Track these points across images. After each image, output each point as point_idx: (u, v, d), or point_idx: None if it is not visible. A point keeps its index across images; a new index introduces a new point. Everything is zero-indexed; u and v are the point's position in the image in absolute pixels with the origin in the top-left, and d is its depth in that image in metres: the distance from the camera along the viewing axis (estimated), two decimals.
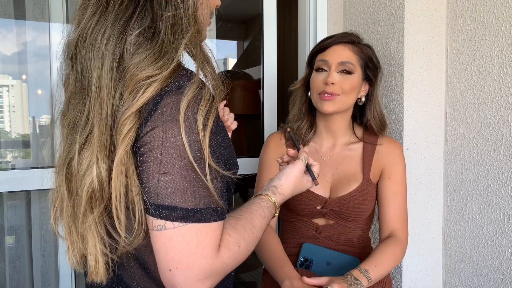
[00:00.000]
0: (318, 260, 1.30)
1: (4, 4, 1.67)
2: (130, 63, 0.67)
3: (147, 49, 0.68)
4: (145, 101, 0.66)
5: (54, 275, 1.77)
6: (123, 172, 0.67)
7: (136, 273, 0.76)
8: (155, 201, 0.66)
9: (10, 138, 1.85)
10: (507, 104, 1.31)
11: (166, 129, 0.65)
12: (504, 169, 1.32)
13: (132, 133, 0.66)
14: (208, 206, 0.66)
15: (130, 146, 0.67)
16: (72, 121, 0.74)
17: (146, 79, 0.66)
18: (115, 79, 0.68)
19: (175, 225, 0.65)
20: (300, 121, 1.36)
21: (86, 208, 0.71)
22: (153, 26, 0.69)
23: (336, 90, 1.25)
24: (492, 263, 1.37)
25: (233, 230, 0.71)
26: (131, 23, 0.69)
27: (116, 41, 0.69)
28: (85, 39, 0.71)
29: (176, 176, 0.65)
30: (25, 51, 1.71)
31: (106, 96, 0.68)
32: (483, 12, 1.38)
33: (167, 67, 0.67)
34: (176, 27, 0.70)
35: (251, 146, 2.96)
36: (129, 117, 0.66)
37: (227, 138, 0.79)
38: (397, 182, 1.30)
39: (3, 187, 1.54)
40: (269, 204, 0.84)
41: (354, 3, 1.71)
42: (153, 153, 0.65)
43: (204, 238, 0.65)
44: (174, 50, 0.69)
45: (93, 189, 0.69)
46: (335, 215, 1.29)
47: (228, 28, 3.72)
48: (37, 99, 1.75)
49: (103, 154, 0.69)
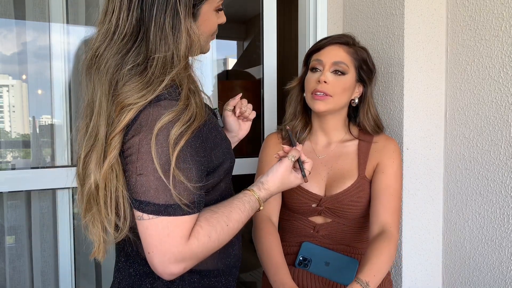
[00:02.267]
0: (317, 260, 1.30)
1: (4, 4, 1.67)
2: (120, 91, 0.80)
3: (135, 82, 0.80)
4: (126, 123, 0.79)
5: (54, 275, 1.77)
6: (111, 175, 0.82)
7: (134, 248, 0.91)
8: (134, 196, 0.80)
9: (10, 138, 1.85)
10: (507, 104, 1.31)
11: (142, 138, 0.78)
12: (504, 169, 1.32)
13: (118, 146, 0.80)
14: (179, 202, 0.78)
15: (116, 156, 0.81)
16: (85, 127, 0.88)
17: (128, 106, 0.79)
18: (110, 103, 0.82)
19: (150, 217, 0.78)
20: (295, 120, 1.39)
21: (86, 207, 0.88)
22: (145, 62, 0.82)
23: (328, 89, 1.26)
24: (492, 263, 1.37)
25: (206, 222, 0.82)
26: (126, 57, 0.82)
27: (113, 71, 0.82)
28: (95, 63, 0.85)
29: (149, 177, 0.78)
30: (25, 51, 1.71)
31: (103, 116, 0.82)
32: (483, 12, 1.38)
33: (147, 97, 0.79)
34: (166, 64, 0.82)
35: (251, 146, 2.96)
36: (115, 135, 0.80)
37: (216, 139, 0.90)
38: (390, 176, 1.28)
39: (3, 187, 1.54)
40: (252, 198, 0.92)
41: (354, 3, 1.71)
42: (132, 157, 0.79)
43: (174, 229, 0.78)
44: (159, 83, 0.80)
45: (91, 192, 0.85)
46: (331, 213, 1.30)
47: (228, 28, 3.71)
48: (37, 99, 1.75)
49: (99, 162, 0.83)
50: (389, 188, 1.27)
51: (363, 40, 1.64)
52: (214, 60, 2.12)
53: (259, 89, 1.95)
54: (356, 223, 1.33)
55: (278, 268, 1.21)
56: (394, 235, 1.23)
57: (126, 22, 0.83)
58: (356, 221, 1.32)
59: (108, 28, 0.84)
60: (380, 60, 1.55)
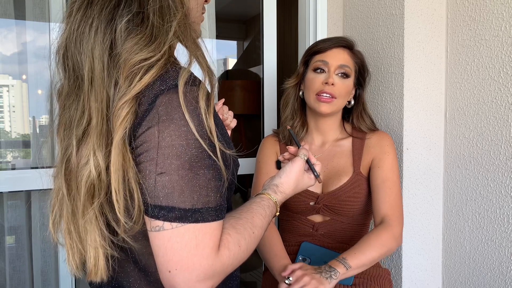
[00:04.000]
0: (316, 260, 1.30)
1: (4, 4, 1.67)
2: (122, 48, 0.66)
3: (138, 34, 0.67)
4: (143, 87, 0.65)
5: (54, 275, 1.77)
6: (121, 156, 0.66)
7: (136, 277, 0.76)
8: (153, 202, 0.65)
9: (10, 138, 1.85)
10: (507, 104, 1.31)
11: (161, 129, 0.64)
12: (504, 169, 1.32)
13: (130, 116, 0.65)
14: (207, 205, 0.65)
15: (128, 130, 0.66)
16: (68, 120, 0.73)
17: (140, 62, 0.65)
18: (107, 68, 0.67)
19: (173, 226, 0.64)
20: (293, 120, 1.39)
21: (86, 200, 0.70)
22: (141, 12, 0.68)
23: (334, 92, 1.28)
24: (492, 263, 1.37)
25: (233, 229, 0.70)
26: (119, 11, 0.68)
27: (105, 30, 0.68)
28: (73, 34, 0.70)
29: (173, 176, 0.64)
30: (25, 51, 1.71)
31: (100, 86, 0.67)
32: (483, 12, 1.38)
33: (160, 50, 0.67)
34: (164, 11, 0.69)
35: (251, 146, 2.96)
36: (126, 101, 0.65)
37: (226, 136, 0.78)
38: (387, 169, 1.29)
39: (3, 187, 1.54)
40: (270, 203, 0.83)
41: (354, 3, 1.71)
42: (149, 153, 0.65)
43: (203, 238, 0.64)
44: (165, 33, 0.68)
45: (91, 179, 0.69)
46: (329, 210, 1.30)
47: (228, 28, 3.72)
48: (37, 99, 1.75)
49: (100, 143, 0.68)
50: (387, 182, 1.28)
51: (363, 40, 1.64)
52: (214, 60, 2.12)
53: (259, 89, 1.95)
54: (354, 221, 1.33)
55: (281, 257, 1.24)
56: (392, 226, 1.22)
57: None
58: (354, 219, 1.33)
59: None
60: (380, 60, 1.55)
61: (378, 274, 1.31)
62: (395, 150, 1.33)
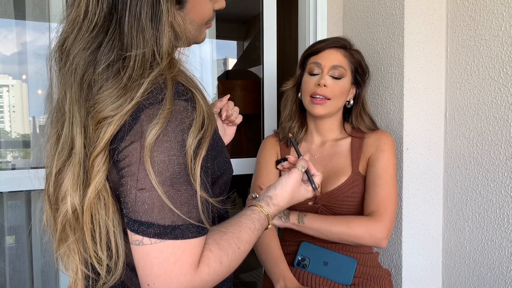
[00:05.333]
0: (316, 260, 1.30)
1: (4, 4, 1.67)
2: (96, 99, 0.66)
3: (110, 87, 0.65)
4: (108, 139, 0.65)
5: (54, 275, 1.77)
6: (96, 207, 0.68)
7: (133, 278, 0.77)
8: (133, 216, 0.64)
9: (10, 138, 1.85)
10: (507, 104, 1.31)
11: (144, 144, 0.63)
12: (504, 169, 1.32)
13: (103, 169, 0.67)
14: (188, 222, 0.64)
15: (103, 181, 0.67)
16: (56, 136, 0.73)
17: (104, 119, 0.65)
18: (84, 113, 0.67)
19: (152, 241, 0.63)
20: (292, 121, 1.41)
21: (62, 235, 0.72)
22: (119, 60, 0.66)
23: (327, 93, 1.29)
24: (492, 263, 1.37)
25: (216, 245, 0.69)
26: (98, 54, 0.67)
27: (83, 71, 0.67)
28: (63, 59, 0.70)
29: (153, 192, 0.63)
30: (25, 51, 1.71)
31: (77, 125, 0.68)
32: (483, 12, 1.38)
33: (124, 107, 0.64)
34: (145, 63, 0.66)
35: (251, 146, 2.96)
36: (98, 154, 0.66)
37: (218, 146, 0.78)
38: (380, 167, 1.29)
39: (3, 187, 1.54)
40: (261, 216, 0.81)
41: (354, 3, 1.71)
42: (130, 168, 0.64)
43: (182, 255, 0.63)
44: (137, 88, 0.65)
45: (68, 219, 0.70)
46: (328, 210, 1.31)
47: (228, 28, 3.72)
48: (37, 99, 1.75)
49: (77, 183, 0.69)
50: (377, 180, 1.27)
51: (363, 40, 1.64)
52: (214, 60, 2.12)
53: (259, 89, 1.95)
54: None
55: (278, 260, 1.25)
56: (372, 221, 1.21)
57: (96, 8, 0.67)
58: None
59: (77, 14, 0.68)
60: (380, 60, 1.55)
61: (378, 274, 1.31)
62: (393, 148, 1.33)
